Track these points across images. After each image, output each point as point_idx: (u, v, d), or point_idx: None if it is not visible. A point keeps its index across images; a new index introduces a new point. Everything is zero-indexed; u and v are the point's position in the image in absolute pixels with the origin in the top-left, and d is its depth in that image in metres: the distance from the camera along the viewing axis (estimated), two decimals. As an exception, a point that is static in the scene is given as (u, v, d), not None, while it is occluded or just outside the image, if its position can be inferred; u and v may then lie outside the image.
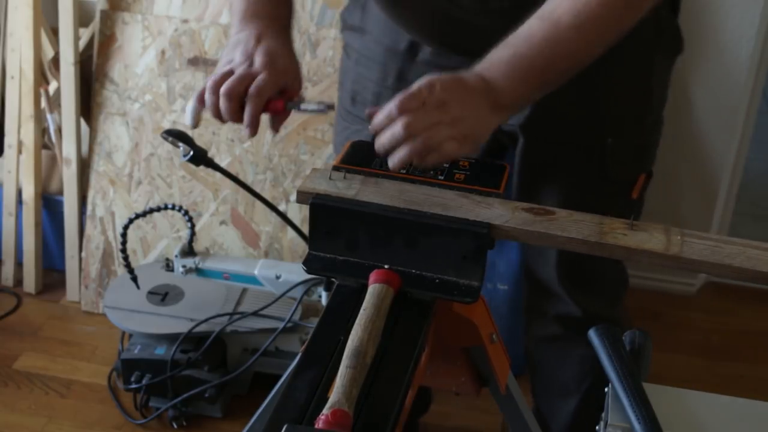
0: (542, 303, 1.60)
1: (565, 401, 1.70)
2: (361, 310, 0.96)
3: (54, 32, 2.31)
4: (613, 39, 1.16)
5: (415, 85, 1.09)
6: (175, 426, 2.02)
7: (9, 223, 2.42)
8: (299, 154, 2.20)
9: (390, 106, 1.07)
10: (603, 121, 1.37)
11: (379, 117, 1.08)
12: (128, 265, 1.95)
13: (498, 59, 1.13)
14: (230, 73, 1.18)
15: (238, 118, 1.19)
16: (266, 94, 1.18)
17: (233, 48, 1.23)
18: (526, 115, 1.36)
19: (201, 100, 1.20)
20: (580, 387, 1.68)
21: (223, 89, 1.16)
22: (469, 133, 1.10)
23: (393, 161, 1.09)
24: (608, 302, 1.61)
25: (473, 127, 1.11)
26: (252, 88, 1.17)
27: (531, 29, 1.13)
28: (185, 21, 2.21)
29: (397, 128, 1.07)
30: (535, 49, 1.12)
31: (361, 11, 1.43)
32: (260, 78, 1.17)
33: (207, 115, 1.25)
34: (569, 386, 1.70)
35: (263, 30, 1.24)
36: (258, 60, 1.19)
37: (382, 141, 1.09)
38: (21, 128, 2.34)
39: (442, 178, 1.15)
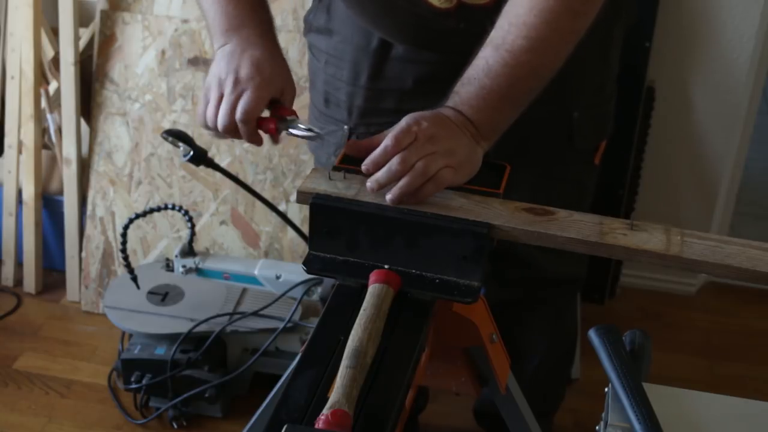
0: (503, 266, 1.63)
1: (528, 360, 1.76)
2: (361, 311, 0.96)
3: (54, 32, 2.31)
4: (570, 49, 1.18)
5: (403, 122, 1.12)
6: (175, 426, 2.02)
7: (9, 223, 2.42)
8: (299, 154, 2.20)
9: (385, 143, 1.10)
10: (569, 95, 1.41)
11: (375, 155, 1.10)
12: (128, 265, 1.95)
13: (466, 95, 1.16)
14: (220, 98, 1.21)
15: (238, 137, 1.23)
16: (255, 114, 1.20)
17: (218, 63, 1.24)
18: None
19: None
20: (540, 346, 1.75)
21: (219, 125, 1.20)
22: (464, 161, 1.13)
23: (392, 195, 1.10)
24: (570, 262, 1.62)
25: (466, 156, 1.14)
26: (239, 114, 1.19)
27: (488, 61, 1.15)
28: (185, 21, 2.21)
29: (394, 162, 1.09)
30: (498, 79, 1.15)
31: (327, 13, 1.44)
32: (246, 99, 1.19)
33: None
34: (532, 346, 1.75)
35: (246, 40, 1.25)
36: (244, 73, 1.21)
37: (378, 177, 1.10)
38: (21, 128, 2.34)
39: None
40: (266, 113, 1.24)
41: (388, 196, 1.10)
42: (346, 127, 1.44)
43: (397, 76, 1.39)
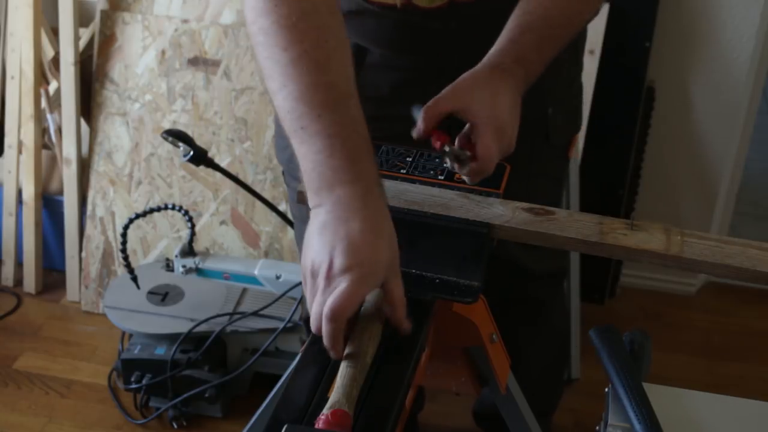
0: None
1: (518, 360, 1.74)
2: (361, 310, 0.95)
3: (54, 32, 2.31)
4: (585, 20, 1.24)
5: (480, 118, 1.10)
6: (175, 426, 2.02)
7: (9, 223, 2.42)
8: (299, 154, 2.20)
9: (486, 146, 1.09)
10: (544, 92, 1.40)
11: (486, 162, 1.10)
12: (128, 265, 1.95)
13: (530, 45, 1.16)
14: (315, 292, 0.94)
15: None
16: (345, 316, 0.91)
17: (311, 241, 0.96)
18: None
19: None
20: (528, 346, 1.73)
21: (312, 327, 0.94)
22: (513, 122, 1.13)
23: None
24: (549, 254, 1.63)
25: (514, 118, 1.14)
26: (326, 311, 0.90)
27: (548, 10, 1.16)
28: (185, 21, 2.21)
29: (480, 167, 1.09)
30: (555, 29, 1.17)
31: None
32: (336, 297, 0.90)
33: (206, 114, 1.25)
34: (520, 346, 1.73)
35: (344, 205, 0.95)
36: (338, 263, 0.92)
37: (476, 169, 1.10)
38: (21, 128, 2.34)
39: (442, 178, 1.15)
40: None
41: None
42: None
43: (373, 83, 1.34)
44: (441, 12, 1.27)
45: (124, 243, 1.90)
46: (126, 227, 1.88)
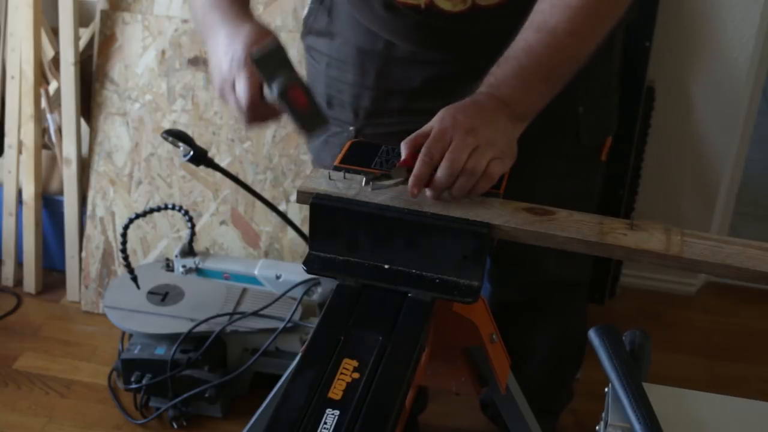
0: (509, 269, 1.63)
1: (529, 360, 1.77)
2: None
3: (54, 32, 2.31)
4: (607, 32, 1.18)
5: (436, 124, 1.10)
6: (175, 426, 2.02)
7: (9, 223, 2.42)
8: (299, 154, 2.20)
9: (423, 153, 1.07)
10: (575, 90, 1.40)
11: (419, 166, 1.07)
12: (128, 265, 1.94)
13: (503, 75, 1.15)
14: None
15: (266, 120, 1.20)
16: (255, 98, 1.15)
17: (212, 59, 1.21)
18: None
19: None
20: (541, 348, 1.75)
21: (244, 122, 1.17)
22: (506, 149, 1.12)
23: (453, 195, 1.09)
24: (572, 264, 1.63)
25: (507, 143, 1.13)
26: (242, 103, 1.15)
27: (529, 42, 1.15)
28: (185, 21, 2.21)
29: (442, 169, 1.07)
30: (538, 59, 1.14)
31: (328, 16, 1.43)
32: (239, 86, 1.14)
33: (207, 114, 1.26)
34: (533, 347, 1.76)
35: (233, 26, 1.20)
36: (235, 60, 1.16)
37: (437, 182, 1.07)
38: (21, 128, 2.34)
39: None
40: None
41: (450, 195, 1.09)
42: (351, 128, 1.44)
43: (404, 76, 1.38)
44: (464, 16, 1.27)
45: (124, 243, 1.90)
46: (126, 227, 1.88)
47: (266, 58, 1.10)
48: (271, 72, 1.10)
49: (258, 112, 1.16)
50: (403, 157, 1.10)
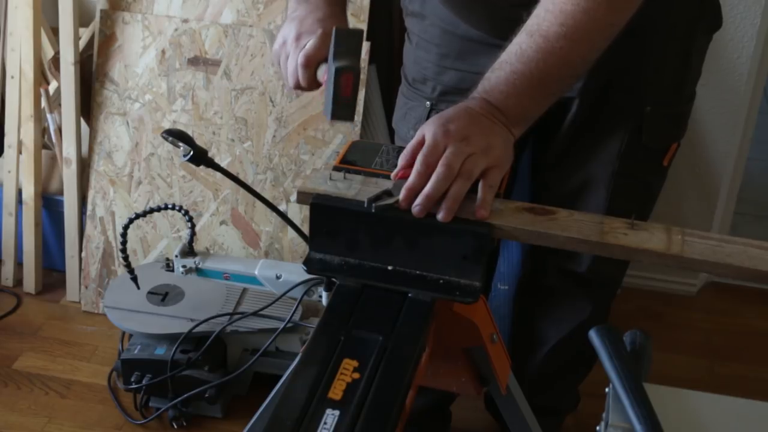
0: (546, 254, 1.63)
1: (541, 346, 1.77)
2: None
3: (54, 32, 2.31)
4: (604, 42, 1.17)
5: (428, 136, 1.09)
6: (175, 426, 2.02)
7: (9, 223, 2.42)
8: (299, 154, 2.20)
9: (418, 164, 1.07)
10: (644, 89, 1.41)
11: (412, 178, 1.07)
12: (128, 265, 1.94)
13: (496, 81, 1.15)
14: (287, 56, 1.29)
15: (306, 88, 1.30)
16: (314, 60, 1.25)
17: (286, 26, 1.32)
18: (584, 81, 1.39)
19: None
20: (556, 335, 1.74)
21: (290, 81, 1.29)
22: (501, 155, 1.12)
23: (443, 214, 1.07)
24: (612, 263, 1.62)
25: (503, 149, 1.13)
26: (300, 58, 1.25)
27: (521, 46, 1.15)
28: (185, 21, 2.21)
29: (435, 175, 1.06)
30: (530, 64, 1.14)
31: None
32: (307, 47, 1.25)
33: (206, 114, 1.26)
34: (549, 334, 1.75)
35: (314, 5, 1.33)
36: (306, 28, 1.28)
37: (420, 204, 1.06)
38: (21, 128, 2.33)
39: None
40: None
41: (440, 216, 1.06)
42: (428, 102, 1.54)
43: (479, 60, 1.40)
44: (525, 3, 1.27)
45: (124, 243, 1.89)
46: (126, 227, 1.87)
47: (345, 36, 1.17)
48: (342, 50, 1.16)
49: (304, 79, 1.27)
50: (398, 167, 1.11)
